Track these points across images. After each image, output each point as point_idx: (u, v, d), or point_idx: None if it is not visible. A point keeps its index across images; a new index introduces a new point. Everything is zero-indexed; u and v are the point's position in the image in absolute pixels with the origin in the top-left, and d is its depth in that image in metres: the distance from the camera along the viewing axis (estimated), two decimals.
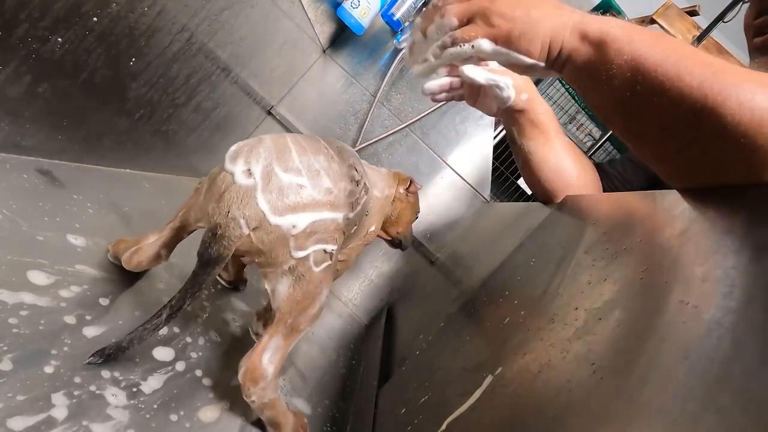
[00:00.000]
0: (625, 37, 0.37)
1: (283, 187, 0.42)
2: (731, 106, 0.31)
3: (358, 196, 0.52)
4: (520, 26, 0.41)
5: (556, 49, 0.41)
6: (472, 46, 0.42)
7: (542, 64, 0.42)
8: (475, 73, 0.60)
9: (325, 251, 0.47)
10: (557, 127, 0.68)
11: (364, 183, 0.55)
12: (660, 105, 0.35)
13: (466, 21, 0.44)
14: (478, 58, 0.45)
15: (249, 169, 0.43)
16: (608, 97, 0.39)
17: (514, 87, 0.63)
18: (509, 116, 0.68)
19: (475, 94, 0.69)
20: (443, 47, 0.44)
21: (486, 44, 0.42)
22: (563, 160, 0.67)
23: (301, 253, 0.44)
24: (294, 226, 0.42)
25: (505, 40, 0.42)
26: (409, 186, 0.85)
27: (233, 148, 0.46)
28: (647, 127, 0.37)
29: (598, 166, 0.78)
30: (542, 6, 0.42)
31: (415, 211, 0.89)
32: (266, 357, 0.46)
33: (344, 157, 0.51)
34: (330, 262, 0.48)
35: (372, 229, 0.73)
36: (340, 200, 0.46)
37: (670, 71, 0.34)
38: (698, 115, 0.33)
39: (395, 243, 0.89)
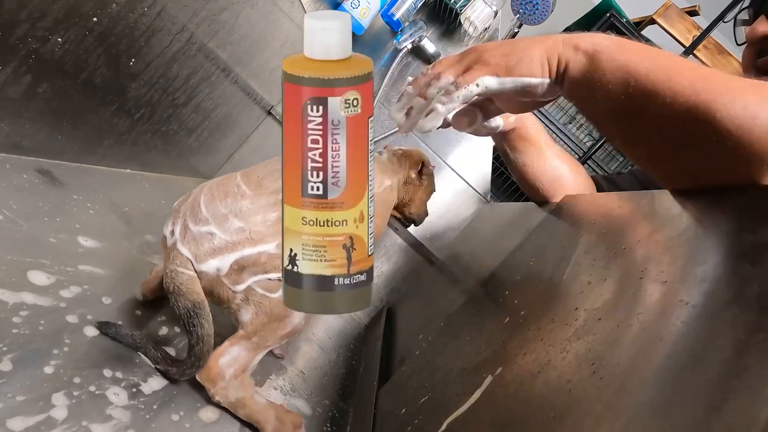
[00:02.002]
0: (615, 46, 0.39)
1: (195, 238, 0.46)
2: (724, 102, 0.32)
3: None
4: (514, 55, 0.43)
5: (555, 62, 0.43)
6: (477, 85, 0.43)
7: (547, 80, 0.43)
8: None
9: (269, 279, 0.48)
10: (547, 137, 0.69)
11: None
12: (654, 106, 0.36)
13: (462, 73, 0.45)
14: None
15: (172, 230, 0.48)
16: (604, 104, 0.40)
17: (501, 116, 0.63)
18: (499, 136, 0.68)
19: (461, 122, 0.69)
20: (448, 93, 0.45)
21: (490, 80, 0.43)
22: (558, 168, 0.68)
23: (241, 286, 0.47)
24: (218, 269, 0.46)
25: (506, 71, 0.43)
26: (421, 170, 0.83)
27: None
28: (643, 129, 0.38)
29: (607, 179, 0.79)
30: (526, 39, 0.44)
31: (430, 191, 0.88)
32: (223, 360, 0.47)
33: (265, 185, 0.50)
34: None
35: None
36: (262, 232, 0.47)
37: (661, 74, 0.36)
38: (691, 113, 0.34)
39: (409, 220, 0.90)
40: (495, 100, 0.50)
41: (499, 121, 0.63)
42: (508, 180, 1.85)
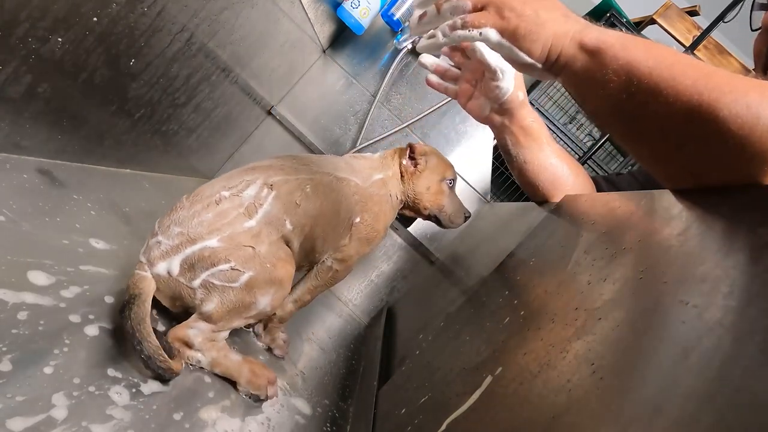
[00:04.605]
0: (620, 44, 0.39)
1: (150, 247, 0.53)
2: (726, 102, 0.32)
3: (250, 202, 0.56)
4: (527, 25, 0.43)
5: (555, 54, 0.43)
6: (480, 33, 0.44)
7: (539, 65, 0.43)
8: (487, 51, 0.59)
9: (221, 271, 0.52)
10: (548, 134, 0.69)
11: (261, 184, 0.57)
12: (656, 105, 0.36)
13: (480, 7, 0.45)
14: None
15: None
16: (605, 101, 0.40)
17: (515, 79, 0.63)
18: (501, 124, 0.68)
19: (468, 92, 0.68)
20: (453, 28, 0.46)
21: (493, 34, 0.44)
22: (558, 166, 0.68)
23: (196, 281, 0.52)
24: (169, 271, 0.51)
25: (511, 35, 0.43)
26: (410, 153, 0.78)
27: None
28: (644, 127, 0.38)
29: (607, 179, 0.79)
30: (551, 10, 0.44)
31: (440, 178, 0.79)
32: (191, 331, 0.52)
33: (201, 194, 0.56)
34: (251, 273, 0.52)
35: (357, 220, 0.69)
36: (199, 231, 0.52)
37: (665, 73, 0.36)
38: (694, 112, 0.34)
39: (433, 220, 0.81)
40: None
41: (509, 84, 0.62)
42: (508, 180, 1.85)
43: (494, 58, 0.60)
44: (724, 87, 0.33)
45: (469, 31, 0.44)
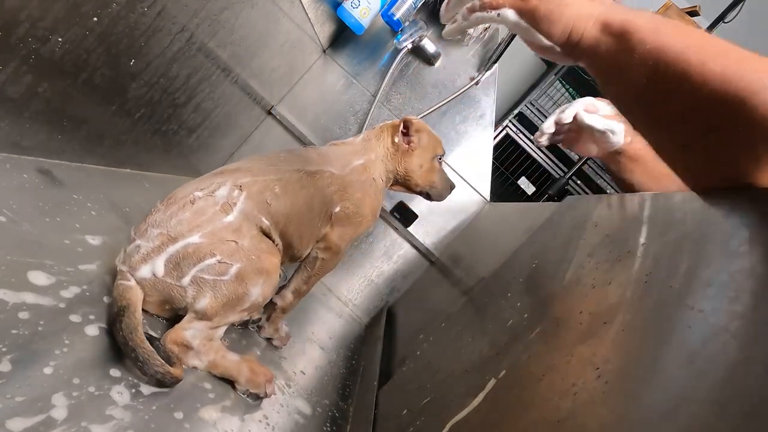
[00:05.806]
0: (648, 28, 0.37)
1: (129, 254, 0.52)
2: (754, 90, 0.31)
3: (224, 201, 0.56)
4: (547, 5, 0.42)
5: (576, 37, 0.41)
6: (498, 14, 0.44)
7: (558, 48, 0.42)
8: (593, 120, 0.60)
9: (210, 265, 0.52)
10: (653, 154, 0.68)
11: (231, 185, 0.58)
12: (682, 91, 0.34)
13: None
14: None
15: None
16: (629, 86, 0.39)
17: (624, 132, 0.64)
18: (610, 157, 0.69)
19: (575, 139, 0.70)
20: (471, 10, 0.46)
21: (511, 15, 0.43)
22: (667, 188, 0.67)
23: (186, 279, 0.51)
24: (153, 273, 0.51)
25: (530, 16, 0.42)
26: (407, 132, 0.77)
27: None
28: (669, 112, 0.37)
29: None
30: None
31: (432, 155, 0.80)
32: (188, 333, 0.51)
33: (175, 196, 0.56)
34: (239, 265, 0.53)
35: (337, 209, 0.69)
36: (179, 229, 0.52)
37: (693, 59, 0.34)
38: (721, 99, 0.32)
39: (423, 195, 0.83)
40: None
41: (620, 137, 0.63)
42: (508, 180, 1.86)
43: (601, 122, 0.61)
44: (752, 75, 0.32)
45: (487, 12, 0.44)
